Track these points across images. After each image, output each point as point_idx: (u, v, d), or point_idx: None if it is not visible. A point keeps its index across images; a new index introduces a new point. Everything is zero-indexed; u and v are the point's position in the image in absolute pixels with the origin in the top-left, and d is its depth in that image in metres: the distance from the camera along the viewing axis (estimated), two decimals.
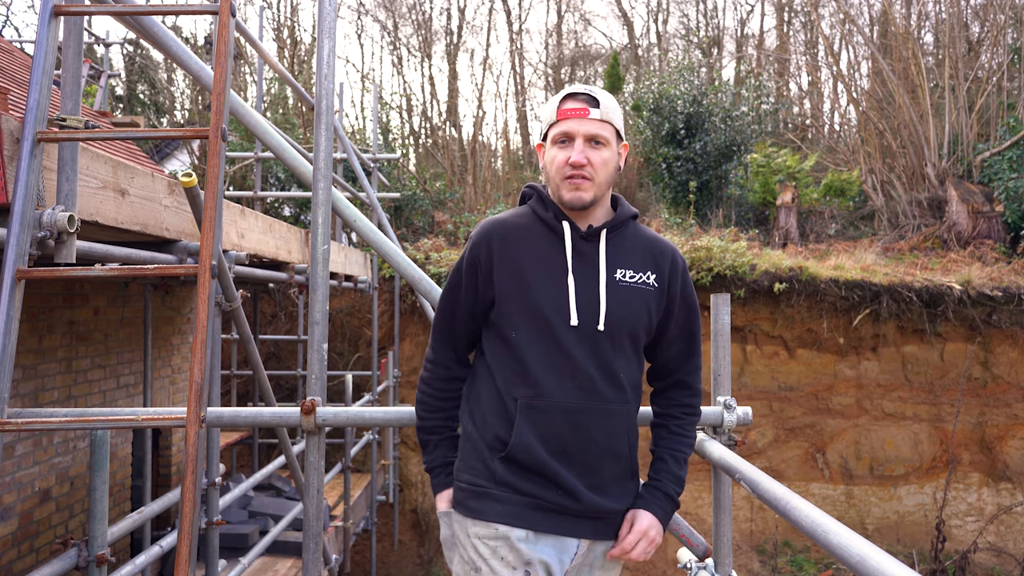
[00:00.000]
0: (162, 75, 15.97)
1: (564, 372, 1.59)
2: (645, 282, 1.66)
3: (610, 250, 1.67)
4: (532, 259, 1.63)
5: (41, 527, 3.77)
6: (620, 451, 1.64)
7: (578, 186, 1.60)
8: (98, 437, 2.23)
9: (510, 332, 1.62)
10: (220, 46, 1.93)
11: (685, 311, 1.73)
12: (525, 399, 1.59)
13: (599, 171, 1.61)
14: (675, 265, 1.71)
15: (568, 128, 1.61)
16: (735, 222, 11.10)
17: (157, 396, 4.98)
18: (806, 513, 1.29)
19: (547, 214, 1.67)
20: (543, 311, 1.60)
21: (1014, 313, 8.18)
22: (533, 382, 1.59)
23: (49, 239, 1.88)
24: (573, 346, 1.59)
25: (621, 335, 1.63)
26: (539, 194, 1.72)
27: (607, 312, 1.61)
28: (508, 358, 1.62)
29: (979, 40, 13.55)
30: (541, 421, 1.58)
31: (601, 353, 1.61)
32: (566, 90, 1.66)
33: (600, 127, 1.61)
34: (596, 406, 1.60)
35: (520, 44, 20.97)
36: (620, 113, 1.68)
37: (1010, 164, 10.57)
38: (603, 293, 1.61)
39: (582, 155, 1.58)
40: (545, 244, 1.65)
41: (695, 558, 2.07)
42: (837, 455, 8.35)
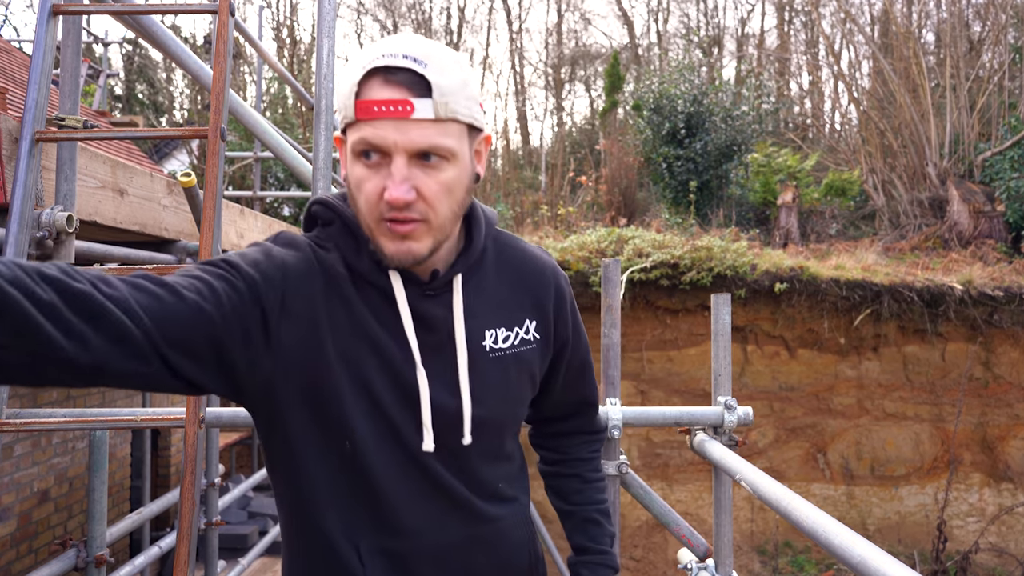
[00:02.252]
0: (161, 74, 15.98)
1: (424, 503, 1.04)
2: (524, 339, 1.10)
3: (467, 301, 1.06)
4: (348, 336, 0.99)
5: (40, 528, 3.76)
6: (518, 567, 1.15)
7: (405, 234, 0.94)
8: (97, 437, 2.23)
9: (340, 441, 0.99)
10: (219, 45, 1.92)
11: (579, 354, 1.23)
12: (371, 543, 1.02)
13: (438, 207, 0.95)
14: (561, 297, 1.16)
15: (377, 137, 0.91)
16: (736, 222, 11.10)
17: (156, 396, 4.98)
18: (807, 514, 1.28)
19: (361, 261, 1.00)
20: (397, 433, 1.01)
21: (1015, 313, 8.17)
22: (379, 521, 1.02)
23: (48, 239, 1.87)
24: (439, 469, 1.03)
25: (501, 429, 1.10)
26: (344, 222, 1.03)
27: (477, 415, 1.04)
28: (335, 484, 1.00)
29: (980, 39, 13.54)
30: (401, 569, 1.03)
31: (478, 465, 1.07)
32: (372, 57, 0.92)
33: (436, 134, 0.92)
34: (477, 532, 1.08)
35: (520, 44, 20.99)
36: (471, 86, 0.96)
37: (1011, 164, 10.56)
38: (465, 389, 1.03)
39: (406, 188, 0.91)
40: (367, 310, 1.00)
41: (696, 558, 2.06)
42: (838, 455, 8.34)
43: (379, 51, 0.93)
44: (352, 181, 0.96)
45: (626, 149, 13.01)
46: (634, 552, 7.86)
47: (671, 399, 8.30)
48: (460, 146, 0.96)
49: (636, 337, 8.35)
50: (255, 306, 0.92)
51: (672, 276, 8.16)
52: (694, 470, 8.29)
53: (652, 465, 8.28)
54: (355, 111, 0.92)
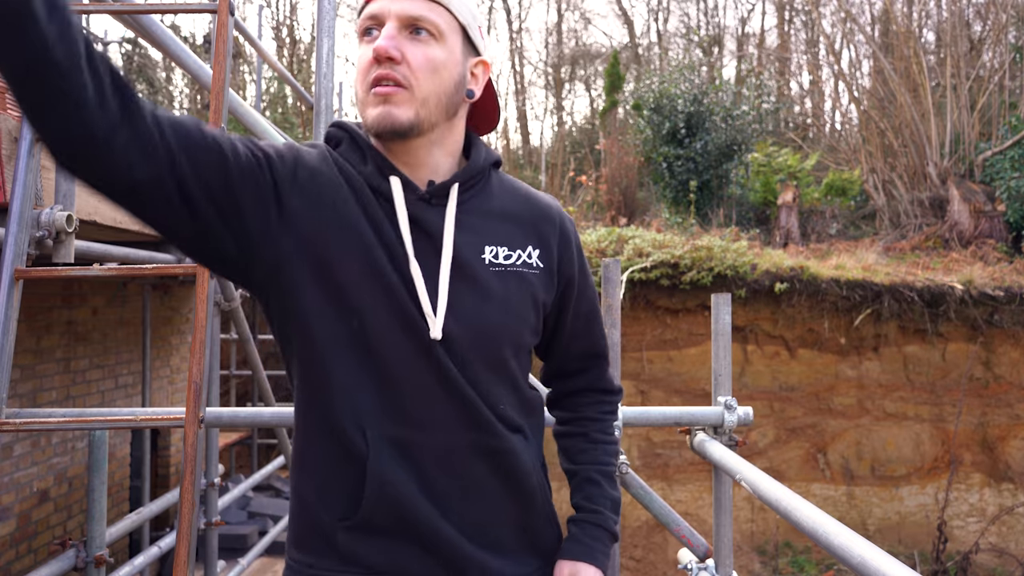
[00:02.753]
0: (160, 74, 15.98)
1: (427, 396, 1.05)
2: (526, 263, 1.11)
3: (468, 218, 1.09)
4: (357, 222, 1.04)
5: (39, 528, 3.76)
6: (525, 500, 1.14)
7: (386, 96, 1.00)
8: (96, 437, 2.22)
9: (350, 320, 1.02)
10: (219, 45, 1.92)
11: (587, 299, 1.23)
12: (379, 431, 1.03)
13: (420, 77, 1.00)
14: (565, 234, 1.18)
15: (377, 8, 1.02)
16: (736, 222, 11.09)
17: (156, 396, 4.98)
18: (807, 514, 1.28)
19: (366, 167, 1.07)
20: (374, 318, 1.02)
21: (1016, 313, 8.16)
22: (387, 408, 1.03)
23: (47, 238, 1.87)
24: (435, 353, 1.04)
25: (501, 346, 1.09)
26: (352, 136, 1.11)
27: (457, 313, 1.05)
28: (346, 369, 1.03)
29: (981, 39, 13.53)
30: (405, 462, 1.04)
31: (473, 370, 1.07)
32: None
33: (425, 7, 1.01)
34: (480, 442, 1.08)
35: (520, 43, 20.98)
36: (471, 4, 1.08)
37: (1012, 163, 10.55)
38: (444, 283, 1.04)
39: (392, 43, 0.99)
40: (366, 212, 1.05)
41: (696, 559, 2.06)
42: (838, 455, 8.34)
43: None
44: (357, 70, 1.04)
45: (626, 149, 13.00)
46: (634, 552, 7.86)
47: (671, 399, 8.29)
48: (450, 36, 1.04)
49: (636, 337, 8.35)
50: (268, 172, 0.99)
51: (672, 276, 8.16)
52: (694, 470, 8.29)
53: (652, 465, 8.28)
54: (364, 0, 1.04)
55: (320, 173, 1.05)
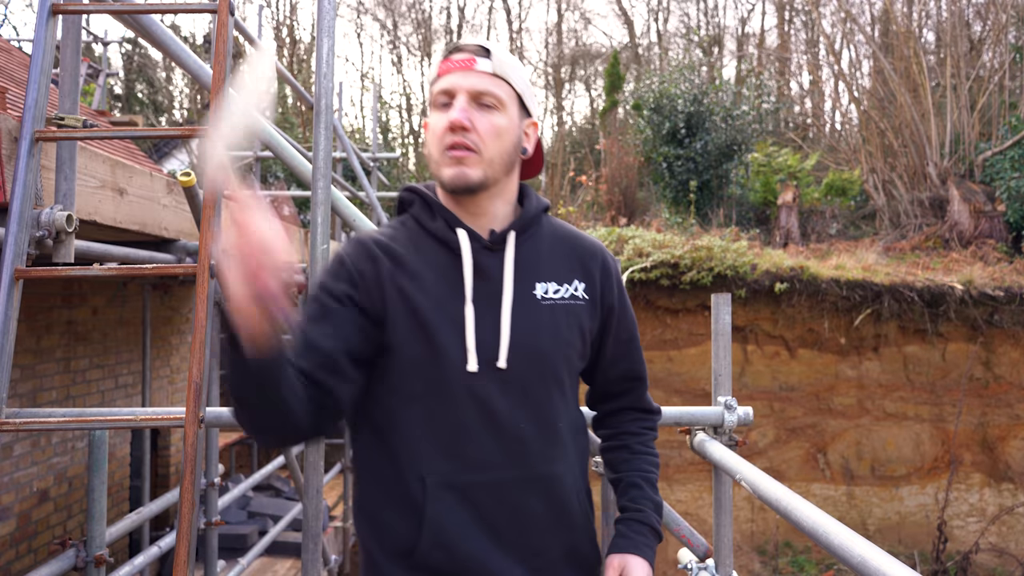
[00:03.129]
0: (161, 74, 15.98)
1: (483, 435, 1.18)
2: (574, 295, 1.28)
3: (523, 259, 1.26)
4: (425, 286, 1.21)
5: (39, 527, 3.76)
6: (571, 520, 1.26)
7: (460, 159, 1.19)
8: (96, 437, 2.22)
9: (406, 387, 1.19)
10: (219, 45, 1.92)
11: (626, 326, 1.37)
12: (437, 477, 1.16)
13: (488, 142, 1.20)
14: (607, 269, 1.34)
15: (448, 84, 1.21)
16: (736, 222, 11.09)
17: (156, 396, 4.98)
18: (807, 514, 1.28)
19: (435, 223, 1.25)
20: (444, 355, 1.18)
21: (1016, 313, 8.16)
22: (445, 453, 1.18)
23: (47, 238, 1.87)
24: (492, 398, 1.19)
25: (554, 369, 1.25)
26: (423, 199, 1.29)
27: (519, 344, 1.20)
28: (407, 422, 1.19)
29: (981, 39, 13.53)
30: (460, 504, 1.17)
31: (530, 400, 1.21)
32: (454, 43, 1.26)
33: (491, 83, 1.20)
34: (532, 472, 1.21)
35: (520, 43, 20.97)
36: (524, 75, 1.27)
37: (1012, 163, 10.55)
38: (506, 320, 1.20)
39: (464, 114, 1.18)
40: (438, 265, 1.23)
41: (696, 558, 2.06)
42: (838, 455, 8.34)
43: (459, 41, 1.26)
44: (429, 130, 1.24)
45: (626, 149, 13.00)
46: None
47: (671, 399, 8.29)
48: (510, 105, 1.24)
49: None
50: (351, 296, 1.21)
51: (672, 276, 8.16)
52: (694, 470, 8.29)
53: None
54: (437, 71, 1.24)
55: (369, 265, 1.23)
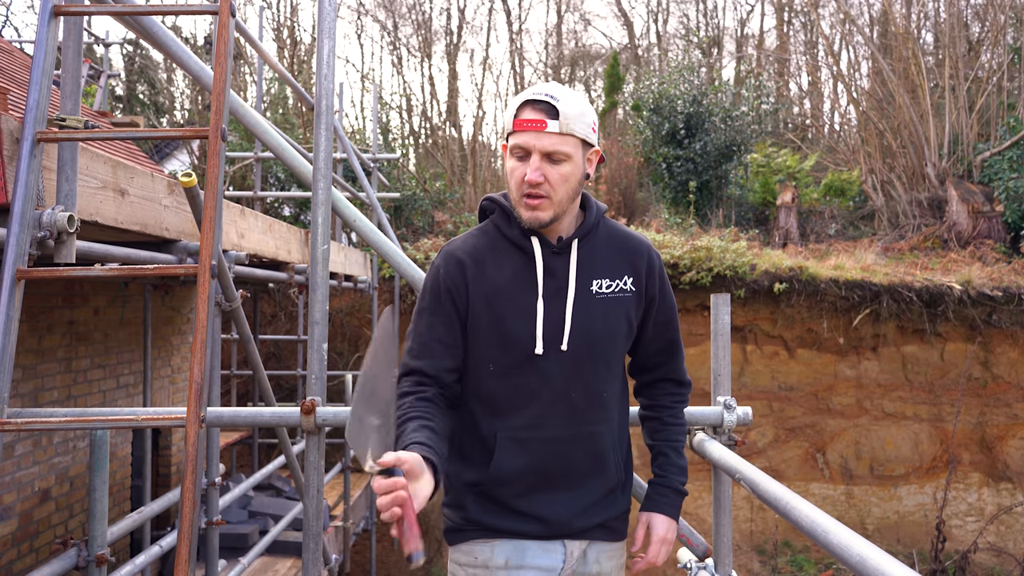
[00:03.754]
0: (162, 75, 15.97)
1: (544, 402, 1.53)
2: (623, 289, 1.60)
3: (583, 260, 1.58)
4: (503, 284, 1.55)
5: (41, 527, 3.77)
6: (607, 469, 1.61)
7: (535, 207, 1.50)
8: (98, 437, 2.23)
9: (487, 365, 1.55)
10: (220, 46, 1.93)
11: (664, 311, 1.68)
12: (505, 432, 1.54)
13: (557, 189, 1.49)
14: (651, 264, 1.65)
15: (523, 142, 1.48)
16: (735, 222, 11.10)
17: (157, 396, 4.98)
18: (806, 513, 1.29)
19: (512, 231, 1.57)
20: (518, 340, 1.52)
21: (1014, 313, 8.17)
22: (512, 415, 1.54)
23: (49, 239, 1.88)
24: (553, 374, 1.53)
25: (604, 351, 1.57)
26: (501, 208, 1.61)
27: (577, 331, 1.53)
28: (487, 391, 1.55)
29: (979, 40, 13.54)
30: (521, 452, 1.54)
31: (583, 375, 1.55)
32: (525, 94, 1.51)
33: (559, 142, 1.47)
34: (579, 431, 1.56)
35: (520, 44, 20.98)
36: (588, 117, 1.51)
37: (1010, 164, 10.56)
38: (569, 313, 1.53)
39: (537, 173, 1.46)
40: (515, 265, 1.56)
41: (695, 558, 2.07)
42: (837, 455, 8.35)
43: (533, 90, 1.50)
44: (508, 171, 1.54)
45: (626, 149, 13.01)
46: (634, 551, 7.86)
47: None
48: (575, 152, 1.50)
49: None
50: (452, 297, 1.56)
51: (672, 276, 8.16)
52: (693, 470, 8.29)
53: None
54: (512, 126, 1.50)
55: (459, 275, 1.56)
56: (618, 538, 1.67)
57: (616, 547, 1.68)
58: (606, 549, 1.65)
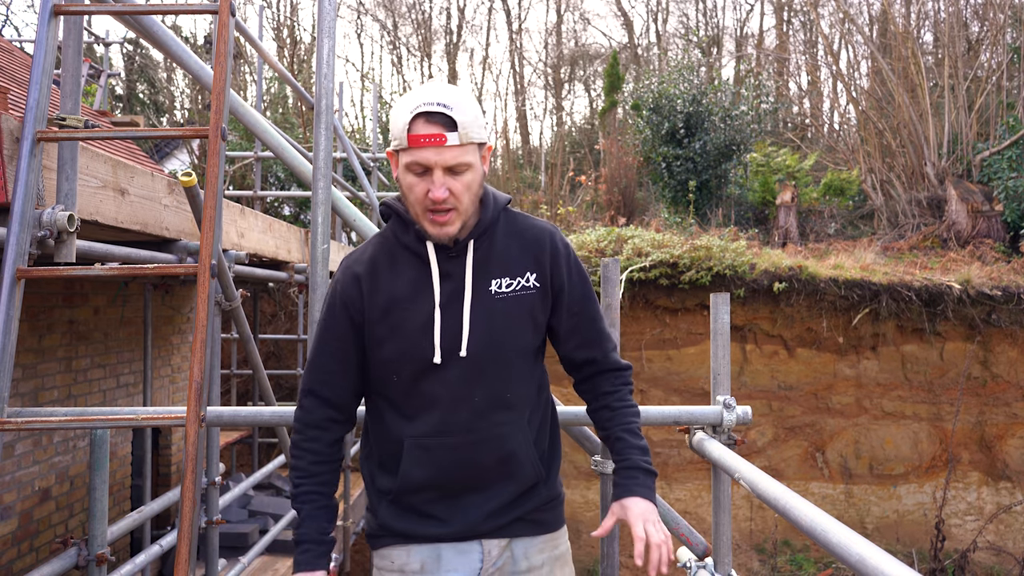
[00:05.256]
0: (162, 74, 15.97)
1: (447, 408, 1.51)
2: (524, 286, 1.53)
3: (479, 261, 1.52)
4: (400, 293, 1.51)
5: (41, 526, 3.77)
6: (520, 469, 1.56)
7: (443, 222, 1.44)
8: (98, 436, 2.23)
9: (391, 375, 1.53)
10: (220, 45, 1.93)
11: (577, 300, 1.59)
12: (412, 440, 1.52)
13: (463, 199, 1.44)
14: (555, 252, 1.57)
15: (423, 159, 1.40)
16: (735, 221, 11.10)
17: (157, 395, 4.99)
18: (805, 512, 1.29)
19: (407, 237, 1.52)
20: (415, 349, 1.49)
21: (1014, 312, 8.18)
22: (419, 422, 1.52)
23: (49, 238, 1.88)
24: (455, 380, 1.50)
25: (505, 353, 1.53)
26: (397, 214, 1.54)
27: (476, 337, 1.49)
28: (393, 399, 1.55)
29: (979, 39, 13.54)
30: (427, 460, 1.52)
31: (485, 379, 1.51)
32: (414, 104, 1.40)
33: (460, 154, 1.40)
34: (485, 434, 1.52)
35: (520, 43, 20.97)
36: (480, 117, 1.45)
37: (1009, 163, 10.56)
38: (466, 318, 1.49)
39: (443, 190, 1.40)
40: (411, 271, 1.52)
41: (695, 557, 2.07)
42: (836, 454, 8.35)
43: (421, 99, 1.39)
44: (405, 185, 1.46)
45: (625, 149, 13.00)
46: (633, 551, 7.86)
47: (670, 398, 8.30)
48: (475, 159, 1.44)
49: (635, 336, 8.35)
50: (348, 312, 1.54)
51: (671, 275, 8.17)
52: (693, 469, 8.30)
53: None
54: (408, 142, 1.40)
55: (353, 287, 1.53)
56: (545, 530, 1.63)
57: (545, 539, 1.63)
58: (535, 543, 1.61)
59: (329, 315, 1.56)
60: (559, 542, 1.65)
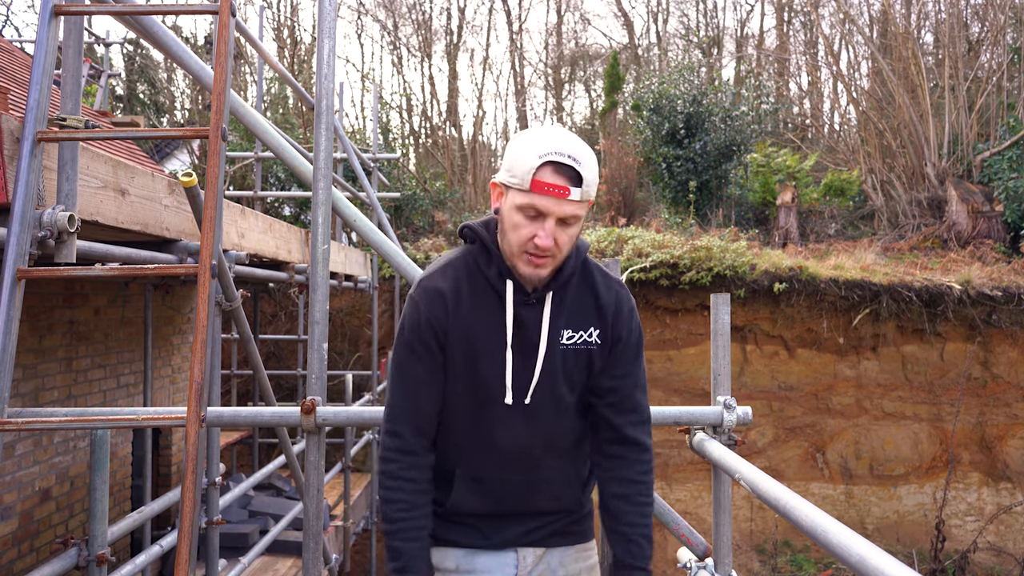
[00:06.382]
0: (162, 75, 15.98)
1: (504, 448, 1.55)
2: (587, 341, 1.55)
3: (554, 312, 1.54)
4: (478, 325, 1.52)
5: (41, 526, 3.77)
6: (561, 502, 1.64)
7: (539, 265, 1.45)
8: (98, 437, 2.23)
9: (457, 403, 1.55)
10: (220, 46, 1.93)
11: (628, 356, 1.59)
12: (465, 471, 1.57)
13: (563, 248, 1.46)
14: (619, 314, 1.58)
15: (543, 206, 1.40)
16: (735, 222, 11.10)
17: (157, 396, 4.99)
18: (806, 513, 1.29)
19: (490, 271, 1.52)
20: (486, 386, 1.52)
21: (1014, 313, 8.17)
22: (475, 456, 1.56)
23: (49, 239, 1.88)
24: (515, 422, 1.54)
25: (565, 402, 1.56)
26: (482, 242, 1.54)
27: (542, 385, 1.53)
28: (452, 428, 1.56)
29: (979, 40, 13.54)
30: (480, 491, 1.58)
31: (543, 425, 1.56)
32: (546, 150, 1.39)
33: (578, 209, 1.42)
34: (536, 476, 1.59)
35: (520, 44, 20.98)
36: (597, 177, 1.47)
37: (1010, 164, 10.56)
38: (538, 368, 1.52)
39: (550, 239, 1.42)
40: (489, 306, 1.52)
41: (695, 558, 2.07)
42: (837, 455, 8.35)
43: (553, 147, 1.40)
44: (509, 223, 1.46)
45: (626, 149, 13.00)
46: None
47: (670, 398, 8.30)
48: (584, 213, 1.47)
49: None
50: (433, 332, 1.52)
51: (671, 276, 8.17)
52: (693, 469, 8.30)
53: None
54: (531, 186, 1.40)
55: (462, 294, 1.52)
56: (580, 540, 1.67)
57: (580, 548, 1.66)
58: (570, 552, 1.65)
59: (413, 335, 1.51)
60: (591, 553, 1.70)
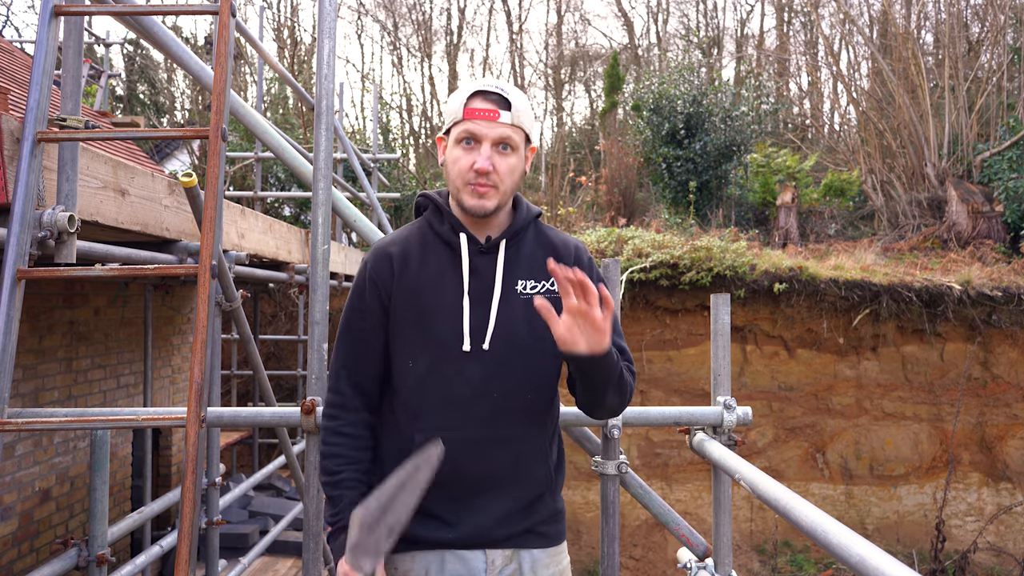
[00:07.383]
0: (162, 75, 15.98)
1: (465, 402, 1.51)
2: (548, 290, 1.56)
3: (509, 261, 1.57)
4: (429, 281, 1.54)
5: (41, 527, 3.77)
6: (531, 475, 1.57)
7: (482, 194, 1.49)
8: (98, 437, 2.23)
9: (406, 362, 1.53)
10: (220, 46, 1.93)
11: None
12: (423, 435, 1.48)
13: (505, 179, 1.50)
14: (579, 262, 1.62)
15: (475, 129, 1.48)
16: (735, 222, 11.10)
17: (157, 396, 4.99)
18: (806, 513, 1.29)
19: (443, 227, 1.57)
20: (439, 337, 1.51)
21: (1014, 313, 8.17)
22: (432, 416, 1.51)
23: (49, 239, 1.88)
24: (474, 373, 1.50)
25: (528, 351, 1.53)
26: (434, 204, 1.61)
27: (500, 331, 1.51)
28: (405, 390, 1.53)
29: (979, 40, 13.54)
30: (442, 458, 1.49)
31: (505, 376, 1.52)
32: (475, 85, 1.51)
33: (510, 131, 1.49)
34: (501, 433, 1.53)
35: (520, 44, 20.99)
36: (531, 114, 1.56)
37: (1010, 164, 10.56)
38: (494, 312, 1.52)
39: (488, 162, 1.47)
40: (442, 261, 1.55)
41: (695, 558, 2.08)
42: (837, 455, 8.35)
43: (481, 83, 1.52)
44: (450, 159, 1.52)
45: (626, 149, 13.01)
46: (634, 551, 7.87)
47: (670, 399, 8.30)
48: (520, 145, 1.53)
49: (636, 337, 8.36)
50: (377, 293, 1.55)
51: (672, 276, 8.17)
52: (693, 470, 8.30)
53: (652, 465, 8.29)
54: (463, 113, 1.49)
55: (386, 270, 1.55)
56: (551, 543, 1.63)
57: (551, 553, 1.62)
58: (542, 557, 1.60)
59: (357, 295, 1.57)
60: (562, 556, 1.66)
